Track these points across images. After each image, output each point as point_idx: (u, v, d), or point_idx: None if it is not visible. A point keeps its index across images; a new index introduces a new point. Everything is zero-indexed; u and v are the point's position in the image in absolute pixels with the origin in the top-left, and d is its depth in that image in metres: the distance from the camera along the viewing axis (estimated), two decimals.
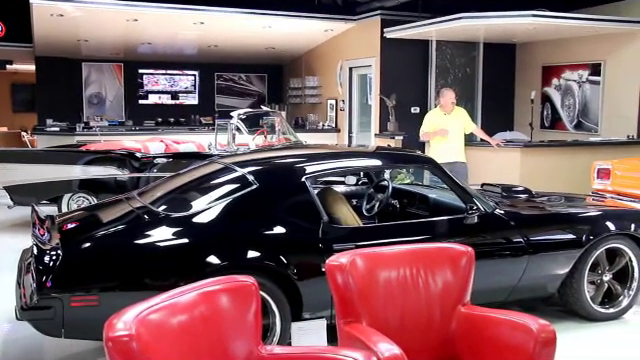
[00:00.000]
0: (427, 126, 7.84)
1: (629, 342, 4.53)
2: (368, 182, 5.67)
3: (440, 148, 7.57)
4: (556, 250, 4.61)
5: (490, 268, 4.31)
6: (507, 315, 2.96)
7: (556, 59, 10.70)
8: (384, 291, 3.02)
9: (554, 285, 4.67)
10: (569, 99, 10.54)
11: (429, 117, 7.95)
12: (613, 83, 9.73)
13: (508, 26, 9.17)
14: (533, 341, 2.73)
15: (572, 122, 10.48)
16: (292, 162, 4.59)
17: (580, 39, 10.02)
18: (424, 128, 7.86)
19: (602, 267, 4.78)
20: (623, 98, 9.55)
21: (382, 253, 3.15)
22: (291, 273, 3.82)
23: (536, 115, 10.99)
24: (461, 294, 3.11)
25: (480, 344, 2.98)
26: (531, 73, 11.17)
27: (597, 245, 4.69)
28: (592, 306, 4.74)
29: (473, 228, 4.34)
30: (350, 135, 11.77)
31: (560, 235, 4.67)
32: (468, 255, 3.15)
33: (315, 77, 12.97)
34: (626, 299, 4.85)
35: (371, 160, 5.00)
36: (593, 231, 4.70)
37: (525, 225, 4.57)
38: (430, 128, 7.80)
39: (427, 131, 7.83)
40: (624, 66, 9.54)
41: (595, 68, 10.02)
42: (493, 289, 4.38)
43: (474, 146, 8.33)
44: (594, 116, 10.08)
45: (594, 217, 4.95)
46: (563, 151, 9.00)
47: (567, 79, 10.55)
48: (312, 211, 4.02)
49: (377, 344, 2.60)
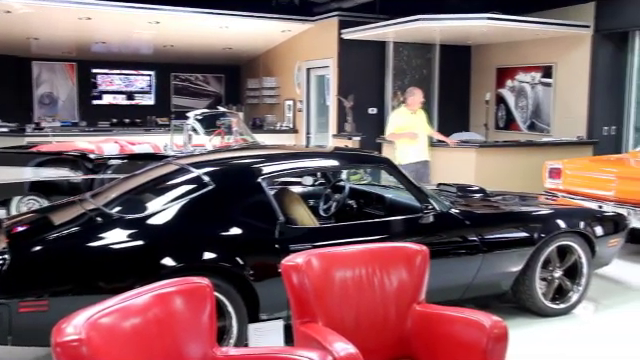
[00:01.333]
0: (394, 126, 7.87)
1: (578, 336, 4.65)
2: (325, 182, 5.68)
3: (409, 148, 7.64)
4: (510, 248, 4.70)
5: (445, 266, 4.37)
6: (461, 312, 3.01)
7: (510, 61, 10.91)
8: (340, 291, 3.03)
9: (508, 282, 4.76)
10: (522, 100, 10.76)
11: (396, 117, 7.99)
12: (564, 85, 9.97)
13: (463, 28, 9.31)
14: (486, 337, 2.77)
15: (525, 123, 10.70)
16: (248, 163, 4.56)
17: (533, 42, 10.24)
18: (391, 129, 7.90)
19: (553, 264, 4.90)
20: (573, 100, 9.80)
21: (338, 253, 3.16)
22: (247, 274, 3.81)
23: (491, 116, 11.20)
24: (416, 293, 3.14)
25: (434, 341, 3.02)
26: (486, 75, 11.36)
27: (549, 243, 4.80)
28: (544, 302, 4.84)
29: (429, 227, 4.40)
30: (308, 136, 11.79)
31: (513, 233, 4.77)
32: (423, 254, 3.18)
33: (273, 78, 12.94)
34: (575, 295, 4.98)
35: (327, 161, 5.01)
36: (545, 229, 4.81)
37: (479, 224, 4.64)
38: (397, 129, 7.83)
39: (394, 132, 7.85)
40: (574, 68, 9.78)
41: (547, 70, 10.26)
42: (449, 287, 4.44)
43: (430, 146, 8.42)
44: (546, 117, 10.31)
45: (546, 216, 5.07)
46: (517, 151, 9.18)
47: (520, 81, 10.77)
48: (268, 212, 4.01)
49: (333, 344, 2.60)
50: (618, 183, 6.51)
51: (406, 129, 7.75)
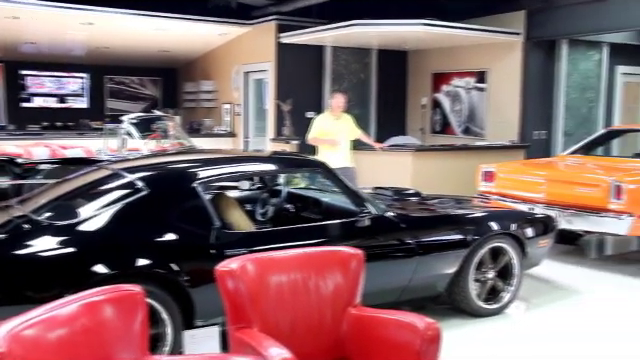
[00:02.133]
0: (316, 131, 7.87)
1: (510, 335, 4.78)
2: (262, 187, 5.66)
3: (329, 154, 7.63)
4: (444, 250, 4.80)
5: (382, 270, 4.41)
6: (395, 315, 3.04)
7: (445, 66, 11.13)
8: (275, 296, 3.02)
9: (443, 284, 4.85)
10: (458, 105, 10.99)
11: (319, 121, 7.99)
12: (497, 90, 10.24)
13: (400, 34, 9.44)
14: (419, 339, 2.81)
15: (460, 127, 10.93)
16: (183, 167, 4.50)
17: (467, 48, 10.48)
18: (313, 133, 7.90)
19: (486, 265, 5.01)
20: (506, 105, 10.08)
21: (273, 258, 3.15)
22: (182, 280, 3.75)
23: (427, 120, 11.40)
24: (351, 296, 3.16)
25: (369, 344, 3.04)
26: (422, 79, 11.55)
27: (482, 244, 4.92)
28: (477, 303, 4.96)
29: (365, 231, 4.43)
30: (246, 140, 11.71)
31: (448, 236, 4.86)
32: (358, 258, 3.20)
33: (211, 81, 12.81)
34: (507, 295, 5.12)
35: (264, 165, 4.99)
36: (478, 231, 4.93)
37: (415, 227, 4.71)
38: (319, 133, 7.83)
39: (316, 137, 7.85)
40: (506, 74, 10.06)
41: (481, 76, 10.51)
42: (385, 290, 4.48)
43: (367, 151, 8.50)
44: (480, 121, 10.56)
45: (479, 218, 5.19)
46: (452, 155, 9.37)
47: (456, 86, 11.00)
48: (204, 217, 3.96)
49: (268, 349, 2.59)
50: (547, 186, 6.73)
51: (328, 134, 7.73)
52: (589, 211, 6.27)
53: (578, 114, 10.36)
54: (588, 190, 6.33)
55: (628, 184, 6.04)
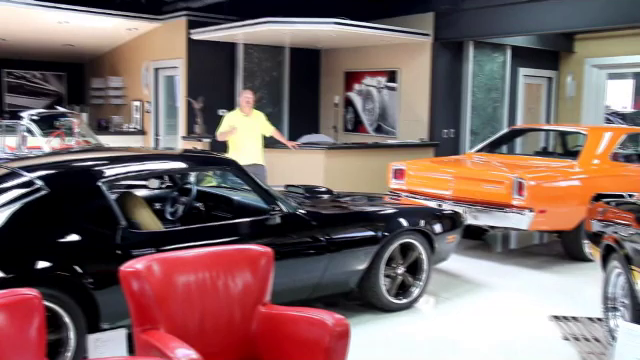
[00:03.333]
0: (225, 127, 7.80)
1: (420, 329, 4.88)
2: (172, 185, 5.53)
3: (239, 151, 7.57)
4: (356, 247, 4.84)
5: (293, 267, 4.41)
6: (305, 312, 3.03)
7: (357, 65, 11.27)
8: (183, 295, 2.94)
9: (354, 280, 4.89)
10: (370, 104, 11.15)
11: (228, 118, 7.92)
12: (407, 90, 10.46)
13: (312, 32, 9.47)
14: (329, 335, 2.81)
15: (372, 125, 11.09)
16: (86, 166, 4.32)
17: (379, 47, 10.65)
18: (221, 129, 7.82)
19: (396, 261, 5.10)
20: (416, 104, 10.31)
21: (180, 257, 3.07)
22: (86, 283, 3.60)
23: (340, 119, 11.50)
24: (261, 294, 3.12)
25: (280, 342, 3.02)
26: (335, 78, 11.65)
27: (392, 241, 5.00)
28: (388, 298, 5.04)
29: (275, 229, 4.41)
30: (157, 138, 11.43)
31: (359, 233, 4.91)
32: (267, 256, 3.17)
33: (119, 77, 12.42)
34: (417, 289, 5.23)
35: (172, 163, 4.87)
36: (388, 228, 5.01)
37: (326, 224, 4.73)
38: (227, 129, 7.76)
39: (223, 131, 7.78)
40: (416, 74, 10.29)
41: (392, 75, 10.70)
42: (296, 287, 4.48)
43: (280, 149, 8.48)
44: (392, 120, 10.76)
45: (389, 215, 5.27)
46: (364, 153, 9.50)
47: (367, 85, 11.16)
48: (109, 216, 3.82)
49: (174, 350, 2.52)
50: (455, 183, 6.92)
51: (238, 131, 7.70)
52: (494, 207, 6.50)
53: (484, 113, 10.74)
54: (493, 187, 6.56)
55: (529, 181, 6.30)
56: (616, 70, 11.73)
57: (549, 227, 6.88)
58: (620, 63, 11.33)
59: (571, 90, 11.75)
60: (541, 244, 8.06)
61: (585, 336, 4.59)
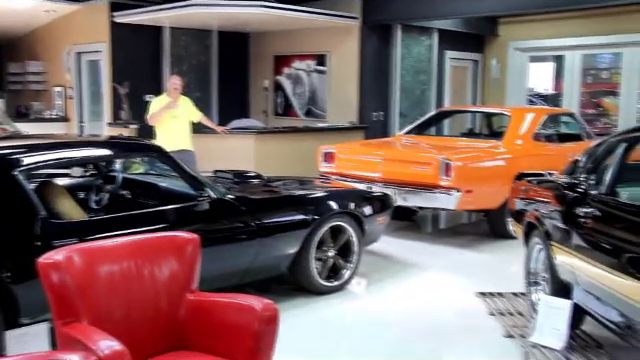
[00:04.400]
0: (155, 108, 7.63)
1: (352, 310, 4.94)
2: (97, 173, 5.36)
3: (167, 136, 7.40)
4: (286, 231, 4.84)
5: (222, 253, 4.37)
6: (233, 298, 3.00)
7: (287, 49, 11.20)
8: (107, 286, 2.86)
9: (285, 264, 4.89)
10: (299, 88, 11.12)
11: (156, 103, 7.74)
12: (337, 73, 10.48)
13: (240, 15, 9.32)
14: (257, 320, 2.80)
15: (303, 109, 11.07)
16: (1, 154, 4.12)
17: (308, 31, 10.60)
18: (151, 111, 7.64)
19: (327, 244, 5.12)
20: (345, 87, 10.35)
21: (103, 247, 2.98)
22: (4, 276, 3.45)
23: (270, 103, 11.43)
24: (188, 281, 3.07)
25: (208, 329, 2.98)
26: (264, 62, 11.54)
27: (322, 224, 5.02)
28: (319, 281, 5.06)
29: (204, 215, 4.35)
30: (81, 124, 11.05)
31: (289, 216, 4.90)
32: (194, 242, 3.12)
33: (39, 62, 11.90)
34: (348, 272, 5.28)
35: (94, 150, 4.70)
36: (318, 211, 5.02)
37: (256, 209, 4.70)
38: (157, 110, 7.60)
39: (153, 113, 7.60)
40: (345, 58, 10.32)
41: (321, 59, 10.70)
42: (227, 273, 4.44)
43: (209, 134, 8.35)
44: (322, 103, 10.77)
45: (319, 198, 5.28)
46: (294, 137, 9.47)
47: (297, 68, 11.11)
48: (26, 206, 3.67)
49: (97, 342, 2.44)
50: (384, 165, 7.00)
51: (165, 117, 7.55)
52: (422, 188, 6.60)
53: (412, 96, 10.89)
54: (421, 168, 6.67)
55: (456, 162, 6.43)
56: (538, 53, 12.10)
57: (476, 206, 7.06)
58: (541, 46, 11.69)
59: (496, 72, 12.05)
60: (469, 223, 8.26)
61: (509, 310, 4.74)
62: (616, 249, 3.39)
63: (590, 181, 3.97)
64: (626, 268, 3.21)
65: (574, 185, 4.11)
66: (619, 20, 10.33)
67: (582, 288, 3.83)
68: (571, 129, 8.58)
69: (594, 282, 3.62)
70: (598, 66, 12.21)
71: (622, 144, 3.82)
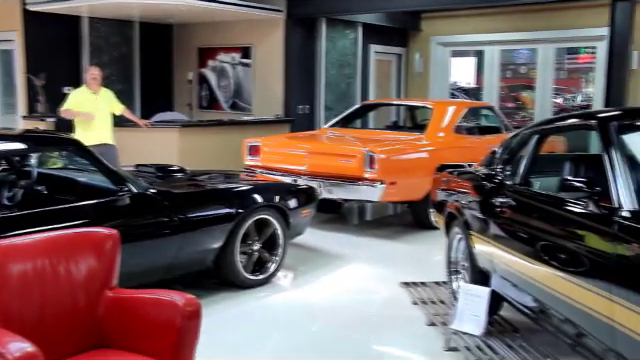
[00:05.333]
0: (71, 104, 7.38)
1: (277, 302, 4.94)
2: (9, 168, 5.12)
3: (87, 131, 7.19)
4: (210, 225, 4.78)
5: (144, 249, 4.28)
6: (154, 294, 2.94)
7: (211, 41, 11.05)
8: (19, 285, 2.74)
9: (210, 258, 4.84)
10: (224, 80, 11.01)
11: (74, 95, 7.50)
12: (262, 66, 10.43)
13: (161, 6, 9.13)
14: (180, 316, 2.75)
15: (228, 102, 10.97)
16: None
17: (232, 23, 10.50)
18: (66, 105, 7.40)
19: (252, 237, 5.10)
20: (271, 80, 10.31)
21: (14, 245, 2.85)
22: None
23: (194, 96, 11.25)
24: (107, 278, 2.99)
25: (129, 326, 2.91)
26: (188, 54, 11.36)
27: (247, 217, 4.98)
28: (244, 275, 5.03)
29: (124, 210, 4.25)
30: None
31: (213, 210, 4.85)
32: (113, 238, 3.03)
33: None
34: (274, 265, 5.27)
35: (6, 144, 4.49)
36: (243, 204, 4.98)
37: (179, 203, 4.62)
38: (74, 106, 7.36)
39: (69, 108, 7.36)
40: (270, 50, 10.28)
41: (246, 51, 10.62)
42: (149, 269, 4.35)
43: (131, 128, 8.15)
44: (247, 96, 10.69)
45: (244, 191, 5.25)
46: (220, 130, 9.37)
47: (222, 61, 10.99)
48: None
49: (7, 345, 2.33)
50: (310, 158, 7.01)
51: (84, 109, 7.33)
52: (347, 181, 6.66)
53: (337, 89, 10.96)
54: (345, 161, 6.72)
55: (379, 154, 6.53)
56: (459, 48, 12.42)
57: (400, 198, 7.18)
58: (462, 41, 12.01)
59: (419, 66, 12.29)
60: (394, 215, 8.40)
61: (432, 299, 4.85)
62: (530, 237, 3.52)
63: (506, 172, 4.11)
64: (539, 255, 3.35)
65: (491, 176, 4.25)
66: (534, 17, 10.75)
67: (499, 275, 3.97)
68: (490, 122, 8.84)
69: (510, 269, 3.75)
70: (516, 61, 12.67)
71: (534, 136, 3.97)
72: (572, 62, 12.27)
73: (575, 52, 12.03)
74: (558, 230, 3.23)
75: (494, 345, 3.85)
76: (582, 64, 12.05)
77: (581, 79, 12.26)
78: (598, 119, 3.27)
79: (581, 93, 12.15)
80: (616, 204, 2.78)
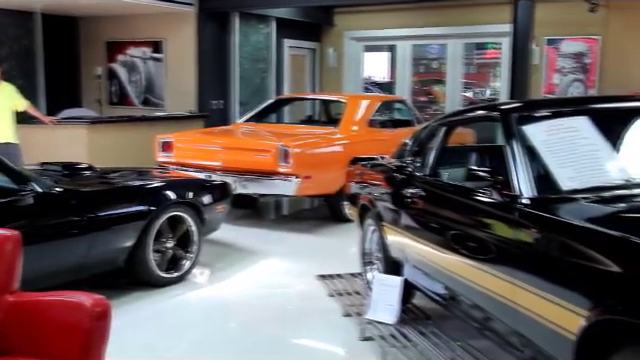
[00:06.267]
0: None
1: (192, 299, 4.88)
2: None
3: None
4: (121, 223, 4.66)
5: (50, 250, 4.12)
6: (60, 296, 2.82)
7: (120, 35, 10.74)
8: None
9: (122, 258, 4.71)
10: (135, 75, 10.73)
11: None
12: (174, 61, 10.24)
13: None
14: (87, 317, 2.65)
15: (139, 98, 10.71)
16: None
17: (142, 17, 10.24)
18: None
19: (165, 235, 5.00)
20: (183, 75, 10.14)
21: None
22: None
23: (104, 91, 10.91)
24: (8, 282, 2.84)
25: (33, 330, 2.78)
26: (96, 49, 11.00)
27: (159, 214, 4.88)
28: (158, 273, 4.93)
29: (27, 210, 4.06)
30: None
31: (124, 208, 4.72)
32: (13, 240, 2.89)
33: None
34: (188, 262, 5.19)
35: None
36: (155, 202, 4.88)
37: (87, 202, 4.48)
38: None
39: None
40: (182, 45, 10.10)
41: (157, 46, 10.39)
42: (57, 270, 4.20)
43: (36, 125, 7.82)
44: (159, 92, 10.48)
45: (156, 189, 5.14)
46: (131, 126, 9.12)
47: (132, 56, 10.71)
48: None
49: None
50: (224, 153, 6.95)
51: None
52: (262, 175, 6.64)
53: (252, 84, 10.90)
54: (260, 156, 6.70)
55: (294, 148, 6.54)
56: (371, 43, 12.61)
57: (315, 192, 7.22)
58: (375, 36, 12.21)
59: (333, 61, 12.39)
60: (311, 209, 8.45)
61: (348, 291, 4.91)
62: (438, 227, 3.63)
63: (416, 163, 4.21)
64: (448, 244, 3.45)
65: (401, 168, 4.34)
66: (444, 13, 11.06)
67: (411, 265, 4.06)
68: (403, 115, 9.03)
69: (421, 259, 3.85)
70: (428, 56, 13.00)
71: (442, 128, 4.09)
72: (481, 57, 12.70)
73: (483, 47, 12.46)
74: (465, 219, 3.34)
75: (407, 333, 3.94)
76: (490, 59, 12.49)
77: (489, 73, 12.71)
78: (500, 111, 3.40)
79: (490, 87, 12.60)
80: (517, 192, 2.90)
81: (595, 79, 9.94)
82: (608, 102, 3.94)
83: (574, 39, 10.04)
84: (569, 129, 3.15)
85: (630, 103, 3.79)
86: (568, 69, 10.21)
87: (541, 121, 3.24)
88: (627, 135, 3.27)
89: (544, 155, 2.98)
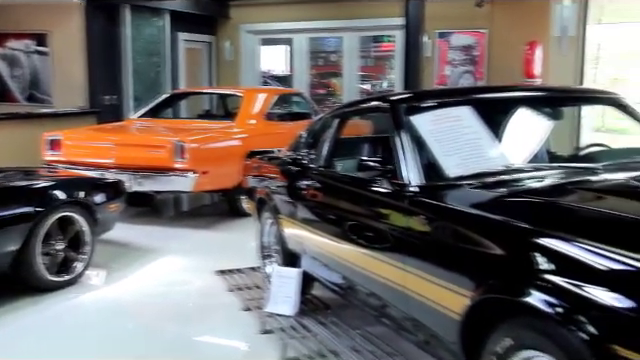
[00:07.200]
0: None
1: (86, 302, 4.71)
2: None
3: None
4: (4, 226, 4.41)
5: None
6: None
7: None
8: None
9: (6, 263, 4.46)
10: (18, 70, 10.16)
11: None
12: (61, 55, 9.78)
13: None
14: None
15: (24, 94, 10.15)
16: None
17: (23, 7, 9.69)
18: None
19: (55, 237, 4.78)
20: (72, 69, 9.70)
21: None
22: None
23: None
24: None
25: None
26: None
27: (47, 216, 4.67)
28: (48, 277, 4.73)
29: None
30: None
31: (7, 210, 4.48)
32: None
33: None
34: (81, 264, 5.00)
35: None
36: (42, 203, 4.67)
37: None
38: None
39: None
40: (70, 38, 9.66)
41: (42, 38, 9.89)
42: None
43: None
44: (46, 87, 9.98)
45: (43, 188, 4.91)
46: (15, 124, 8.61)
47: (13, 48, 10.13)
48: None
49: None
50: (117, 150, 6.72)
51: None
52: (158, 172, 6.48)
53: (146, 78, 10.57)
54: (155, 152, 6.53)
55: (190, 143, 6.42)
56: (268, 36, 12.56)
57: (212, 187, 7.11)
58: (271, 29, 12.16)
59: (229, 55, 12.25)
60: (211, 204, 8.34)
61: (247, 285, 4.89)
62: (333, 217, 3.67)
63: (310, 155, 4.23)
64: (343, 234, 3.50)
65: (296, 160, 4.35)
66: (339, 6, 11.17)
67: (309, 256, 4.09)
68: (301, 108, 9.07)
69: (318, 250, 3.89)
70: (325, 49, 13.12)
71: (335, 119, 4.13)
72: (377, 50, 12.95)
73: (379, 40, 12.72)
74: (358, 209, 3.40)
75: (307, 323, 3.96)
76: (385, 52, 12.76)
77: (386, 66, 12.99)
78: (389, 102, 3.48)
79: (387, 79, 12.88)
80: (406, 180, 2.98)
81: (484, 71, 10.36)
82: (492, 92, 4.13)
83: (463, 32, 10.42)
84: (454, 118, 3.27)
85: (511, 93, 3.97)
86: (458, 61, 10.59)
87: (428, 111, 3.33)
88: (508, 123, 3.43)
89: (431, 144, 3.07)
